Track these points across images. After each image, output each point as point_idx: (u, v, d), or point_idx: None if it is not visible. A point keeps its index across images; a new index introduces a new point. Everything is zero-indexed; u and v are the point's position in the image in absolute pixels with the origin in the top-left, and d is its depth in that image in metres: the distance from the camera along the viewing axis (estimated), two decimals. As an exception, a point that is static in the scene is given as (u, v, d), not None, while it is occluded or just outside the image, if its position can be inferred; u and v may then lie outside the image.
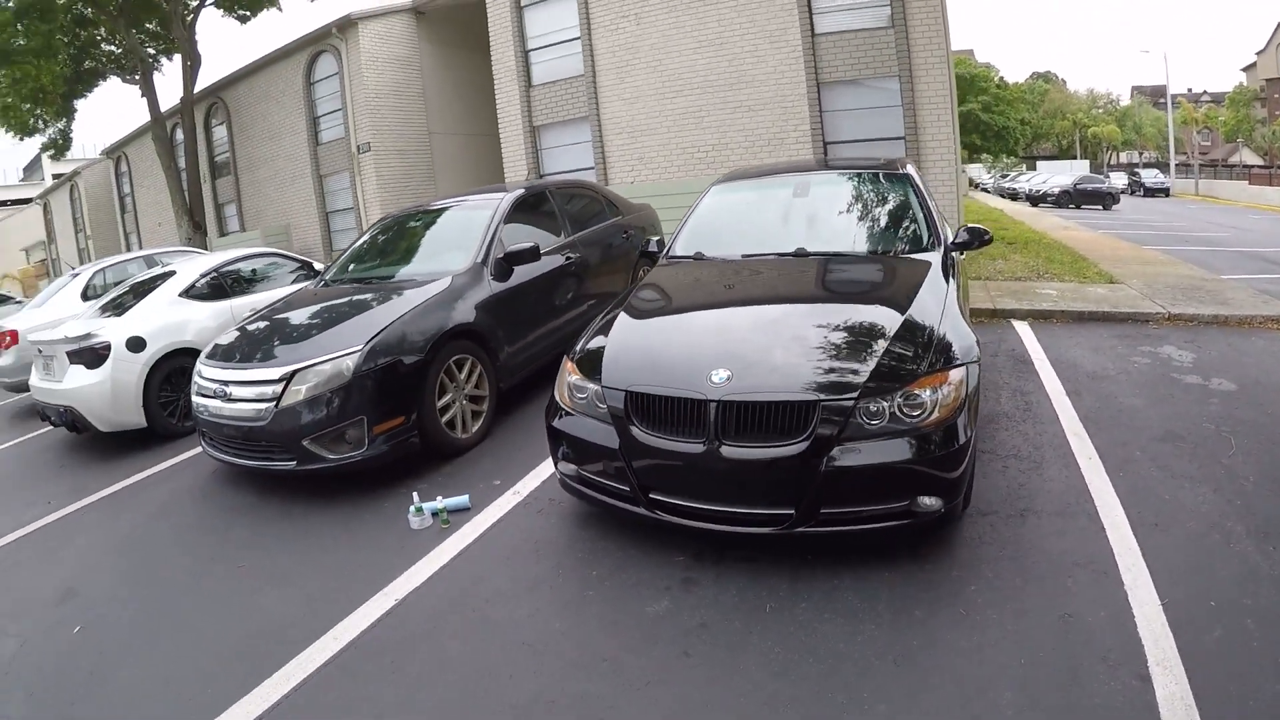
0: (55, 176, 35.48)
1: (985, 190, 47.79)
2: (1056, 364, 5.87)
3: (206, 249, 20.05)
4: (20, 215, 46.41)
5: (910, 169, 5.26)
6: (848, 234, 4.86)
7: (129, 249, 31.65)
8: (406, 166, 20.42)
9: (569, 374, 3.86)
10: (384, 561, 3.98)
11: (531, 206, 6.92)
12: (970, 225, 4.78)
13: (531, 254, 5.96)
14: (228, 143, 24.70)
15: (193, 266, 8.00)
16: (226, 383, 5.04)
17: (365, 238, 7.09)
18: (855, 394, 3.16)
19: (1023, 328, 7.02)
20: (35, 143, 22.71)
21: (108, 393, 6.66)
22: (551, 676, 2.94)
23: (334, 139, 20.98)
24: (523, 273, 6.10)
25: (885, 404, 3.16)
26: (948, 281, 4.16)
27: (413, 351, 4.93)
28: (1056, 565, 3.28)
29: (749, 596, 3.26)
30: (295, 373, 4.76)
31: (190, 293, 7.56)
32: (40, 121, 21.17)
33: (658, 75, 13.68)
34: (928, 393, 3.19)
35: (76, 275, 10.47)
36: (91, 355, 6.70)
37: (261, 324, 5.70)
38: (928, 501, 3.17)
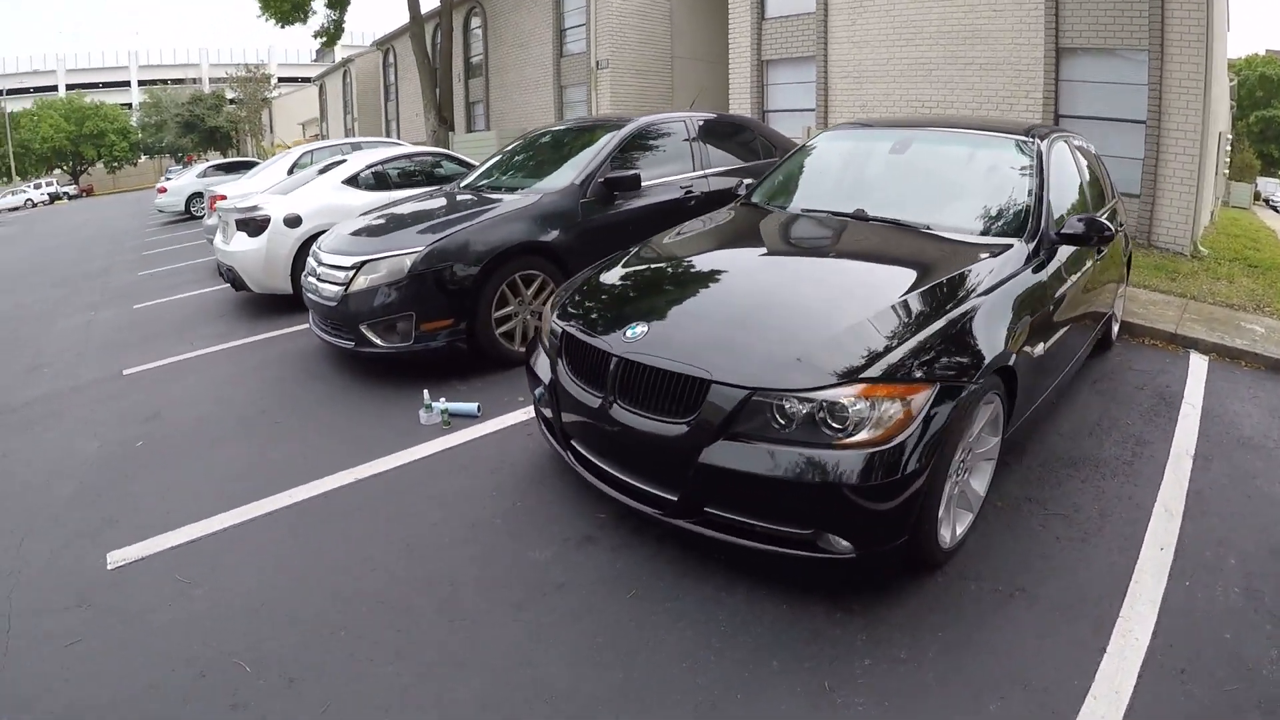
0: (346, 60, 39.92)
1: (1275, 209, 41.39)
2: (1208, 417, 4.76)
3: (448, 145, 21.84)
4: (302, 93, 53.20)
5: (1045, 144, 4.34)
6: (924, 202, 4.19)
7: (387, 135, 35.19)
8: (643, 87, 20.89)
9: (548, 307, 3.85)
10: (377, 444, 4.40)
11: (663, 136, 6.85)
12: (1090, 216, 3.87)
13: (631, 181, 5.93)
14: (482, 45, 26.44)
15: (362, 158, 8.89)
16: (320, 264, 5.68)
17: (508, 150, 7.46)
18: (754, 385, 2.71)
19: (1198, 364, 5.73)
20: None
21: (262, 259, 7.69)
22: (385, 581, 3.13)
23: (577, 52, 21.89)
24: (632, 201, 6.14)
25: (802, 406, 2.64)
26: (1020, 277, 3.48)
27: (469, 261, 5.18)
28: (1000, 674, 2.56)
29: (628, 576, 3.08)
30: (364, 263, 5.21)
31: (352, 181, 8.43)
32: (302, 13, 23.38)
33: (889, 20, 12.82)
34: (862, 404, 2.59)
35: (288, 153, 11.97)
36: (254, 225, 7.73)
37: (370, 218, 6.20)
38: (838, 540, 2.67)
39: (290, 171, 11.20)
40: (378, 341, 5.22)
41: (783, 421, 2.65)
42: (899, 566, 2.91)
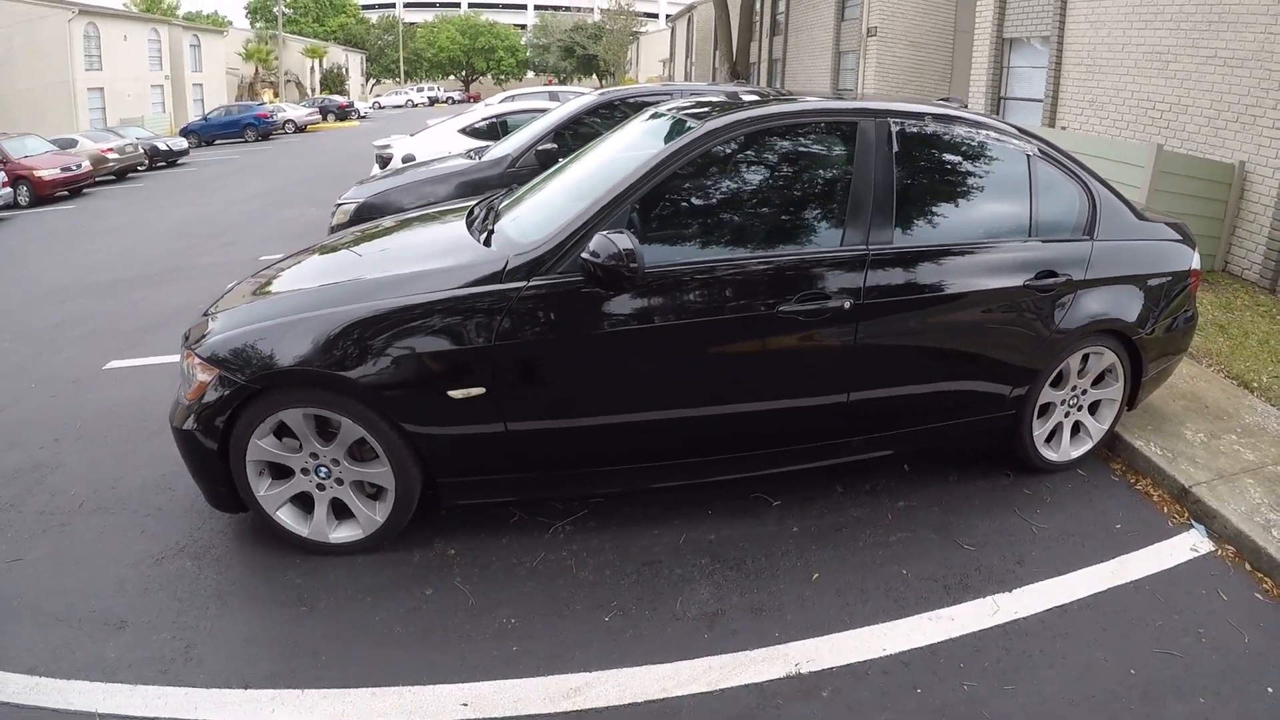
0: (691, 6, 42.29)
1: None
2: (994, 639, 2.93)
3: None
4: (666, 33, 56.35)
5: (680, 122, 3.61)
6: (548, 204, 3.77)
7: (713, 81, 37.01)
8: (917, 59, 20.37)
9: None
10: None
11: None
12: (619, 248, 2.90)
13: (548, 156, 6.40)
14: (786, 2, 27.09)
15: (487, 110, 10.58)
16: (340, 202, 7.39)
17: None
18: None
19: (1173, 552, 3.52)
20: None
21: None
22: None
23: (855, 17, 21.85)
24: None
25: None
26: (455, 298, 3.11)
27: (389, 212, 6.10)
28: None
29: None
30: (338, 206, 6.85)
31: (467, 129, 10.14)
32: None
33: (1130, -5, 11.05)
34: (189, 366, 3.26)
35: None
36: (381, 160, 9.79)
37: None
38: None
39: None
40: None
41: None
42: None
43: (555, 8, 77.43)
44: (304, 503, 3.36)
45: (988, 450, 4.11)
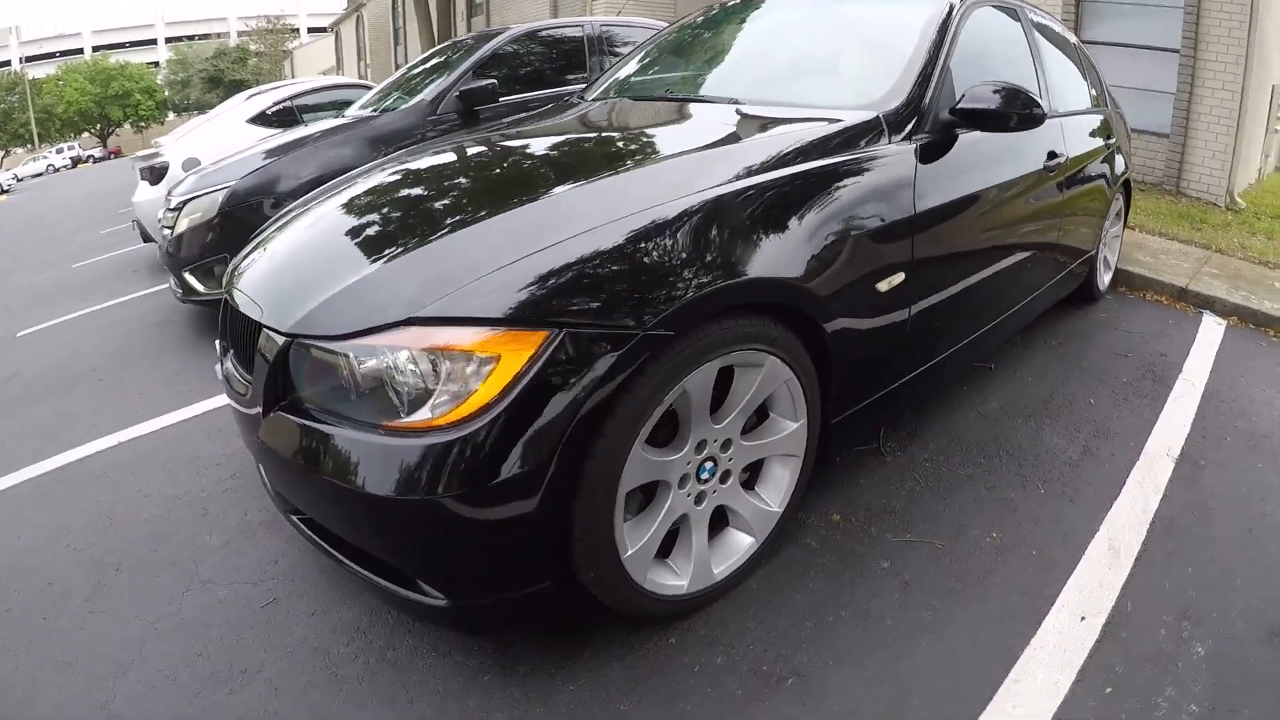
0: (359, 6, 39.60)
1: None
2: (1211, 401, 3.60)
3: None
4: (323, 42, 52.75)
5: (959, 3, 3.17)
6: (769, 74, 3.25)
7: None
8: (645, 15, 20.18)
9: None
10: (176, 400, 4.22)
11: (556, 44, 6.46)
12: (1010, 85, 2.61)
13: (485, 93, 5.40)
14: (482, -18, 25.94)
15: (272, 95, 8.59)
16: (165, 209, 5.41)
17: (415, 63, 6.93)
18: (292, 330, 1.83)
19: (1211, 329, 4.58)
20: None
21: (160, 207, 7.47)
22: (68, 555, 2.85)
23: (572, -17, 21.21)
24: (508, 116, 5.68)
25: (340, 361, 1.74)
26: (855, 163, 2.35)
27: (282, 196, 4.79)
28: None
29: (284, 576, 2.54)
30: (185, 203, 4.96)
31: (258, 119, 8.14)
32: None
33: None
34: (419, 360, 1.64)
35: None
36: (152, 173, 7.50)
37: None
38: (425, 587, 1.81)
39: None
40: (199, 288, 4.95)
41: (352, 386, 1.74)
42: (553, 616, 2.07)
43: (189, 37, 69.97)
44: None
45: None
